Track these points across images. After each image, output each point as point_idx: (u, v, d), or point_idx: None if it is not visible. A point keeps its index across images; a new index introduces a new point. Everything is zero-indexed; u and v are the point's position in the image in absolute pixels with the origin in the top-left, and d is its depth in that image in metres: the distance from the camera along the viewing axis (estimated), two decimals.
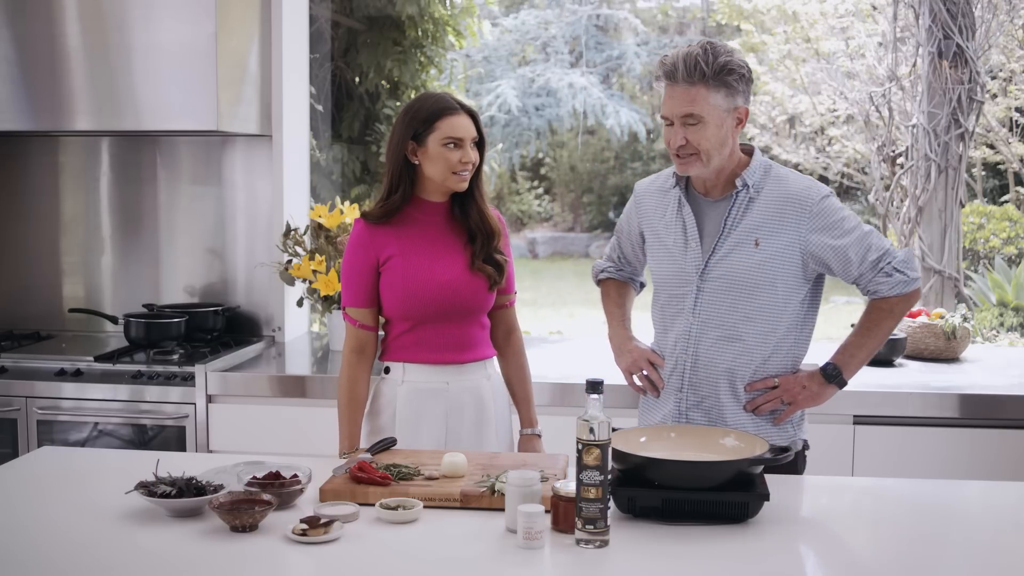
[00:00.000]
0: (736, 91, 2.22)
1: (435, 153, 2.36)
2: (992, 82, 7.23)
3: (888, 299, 2.31)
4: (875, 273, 2.28)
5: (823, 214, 2.27)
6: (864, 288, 2.33)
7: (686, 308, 2.34)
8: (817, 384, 2.33)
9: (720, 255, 2.30)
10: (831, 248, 2.26)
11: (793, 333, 2.34)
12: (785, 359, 2.34)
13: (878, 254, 2.28)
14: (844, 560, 1.84)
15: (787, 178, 2.31)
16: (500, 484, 1.99)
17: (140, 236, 3.89)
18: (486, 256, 2.44)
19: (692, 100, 2.20)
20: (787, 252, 2.27)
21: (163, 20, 3.35)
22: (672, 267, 2.36)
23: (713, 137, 2.22)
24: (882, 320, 2.33)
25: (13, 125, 3.48)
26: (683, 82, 2.20)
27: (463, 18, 6.35)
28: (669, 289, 2.38)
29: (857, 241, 2.27)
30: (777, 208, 2.28)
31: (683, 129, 2.23)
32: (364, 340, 2.48)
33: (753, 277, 2.27)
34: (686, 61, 2.20)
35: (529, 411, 2.58)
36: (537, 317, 10.23)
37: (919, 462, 3.00)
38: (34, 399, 3.31)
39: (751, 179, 2.29)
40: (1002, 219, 7.84)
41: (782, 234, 2.27)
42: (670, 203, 2.39)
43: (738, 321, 2.29)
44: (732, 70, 2.20)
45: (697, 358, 2.33)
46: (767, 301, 2.28)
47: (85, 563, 1.75)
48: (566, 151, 15.05)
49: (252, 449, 3.12)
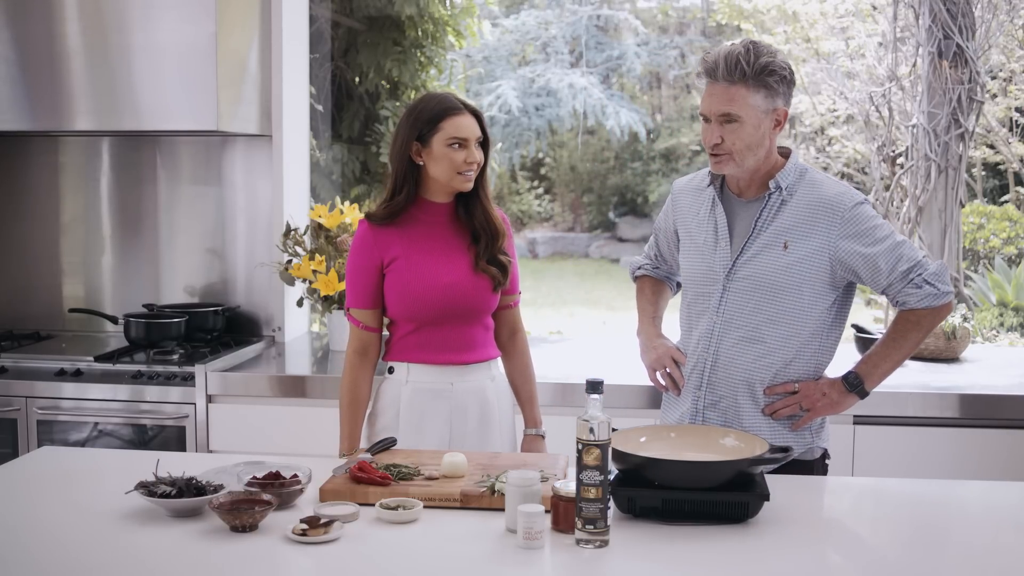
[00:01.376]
0: (776, 92, 2.21)
1: (439, 153, 2.36)
2: (992, 82, 7.22)
3: (916, 311, 2.27)
4: (904, 284, 2.24)
5: (854, 221, 2.25)
6: (893, 299, 2.29)
7: (711, 307, 2.33)
8: (838, 392, 2.31)
9: (748, 256, 2.29)
10: (861, 256, 2.24)
11: (817, 339, 2.31)
12: (807, 365, 2.32)
13: (909, 265, 2.24)
14: (844, 560, 1.84)
15: (821, 183, 2.30)
16: (500, 484, 1.99)
17: (140, 236, 3.89)
18: (490, 257, 2.43)
19: (731, 99, 2.19)
20: (815, 257, 2.25)
21: (163, 20, 3.35)
22: (701, 265, 2.36)
23: (749, 137, 2.21)
24: (908, 332, 2.29)
25: (13, 125, 3.48)
26: (723, 80, 2.20)
27: (463, 18, 6.34)
28: (696, 287, 2.38)
29: (888, 250, 2.24)
30: (808, 212, 2.26)
31: (720, 128, 2.22)
32: (367, 341, 2.48)
33: (779, 280, 2.26)
34: (727, 60, 2.19)
35: (533, 411, 2.58)
36: (537, 317, 10.24)
37: (919, 462, 3.00)
38: (34, 399, 3.31)
39: (784, 181, 2.28)
40: (1002, 219, 7.84)
41: (811, 238, 2.25)
42: (704, 202, 2.39)
43: (761, 323, 2.28)
44: (773, 71, 2.19)
45: (718, 357, 2.32)
46: (792, 305, 2.26)
47: (85, 563, 1.75)
48: (566, 151, 15.04)
49: (252, 449, 3.12)
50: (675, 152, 14.43)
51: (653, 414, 2.72)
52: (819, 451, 2.39)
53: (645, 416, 2.96)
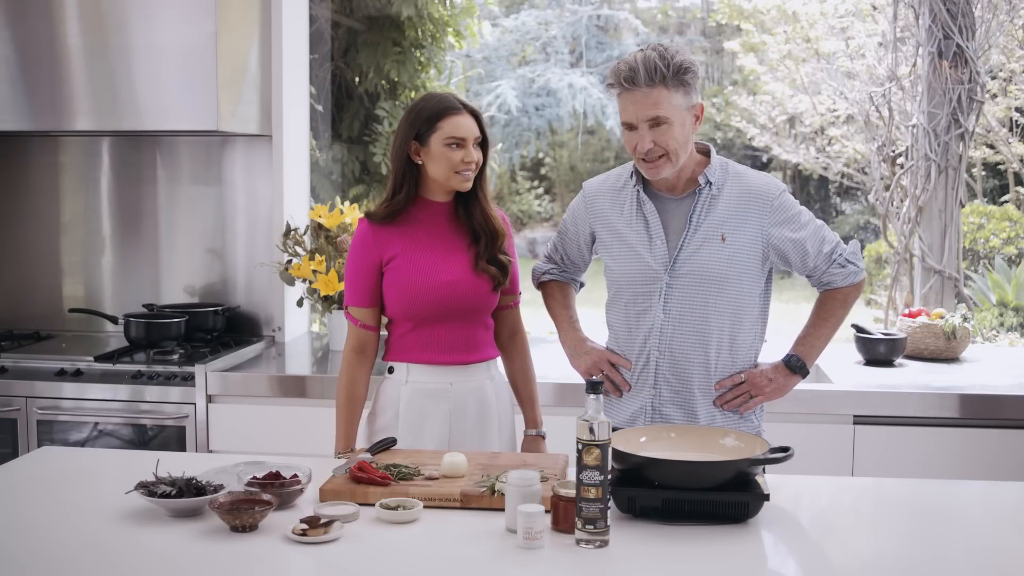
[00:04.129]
0: (692, 88, 2.27)
1: (438, 153, 2.36)
2: (992, 82, 7.22)
3: (841, 289, 2.40)
4: (829, 264, 2.37)
5: (783, 208, 2.34)
6: (818, 280, 2.41)
7: (654, 305, 2.36)
8: (783, 376, 2.40)
9: (689, 251, 2.33)
10: (791, 241, 2.34)
11: (755, 327, 2.41)
12: (748, 352, 2.41)
13: (831, 246, 2.37)
14: (844, 560, 1.84)
15: (746, 174, 2.38)
16: (500, 484, 1.99)
17: (140, 236, 3.89)
18: (490, 257, 2.44)
19: (656, 103, 2.23)
20: (751, 245, 2.33)
21: (163, 20, 3.35)
22: (637, 264, 2.38)
23: (679, 136, 2.26)
24: (835, 309, 2.41)
25: (13, 125, 3.48)
26: (644, 86, 2.23)
27: (463, 18, 6.34)
28: (634, 287, 2.39)
29: (813, 234, 2.36)
30: (740, 204, 2.34)
31: (650, 132, 2.25)
32: (365, 340, 2.48)
33: (722, 271, 2.32)
34: (646, 65, 2.22)
35: (534, 412, 2.58)
36: (537, 317, 10.21)
37: (919, 462, 3.00)
38: (34, 399, 3.31)
39: (713, 176, 2.34)
40: (1002, 219, 7.84)
41: (746, 228, 2.33)
42: (627, 201, 2.41)
43: (710, 314, 2.33)
44: (688, 68, 2.24)
45: (671, 353, 2.36)
46: (735, 295, 2.34)
47: (85, 563, 1.75)
48: (566, 151, 15.05)
49: (252, 449, 3.13)
50: None
51: None
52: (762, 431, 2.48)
53: None
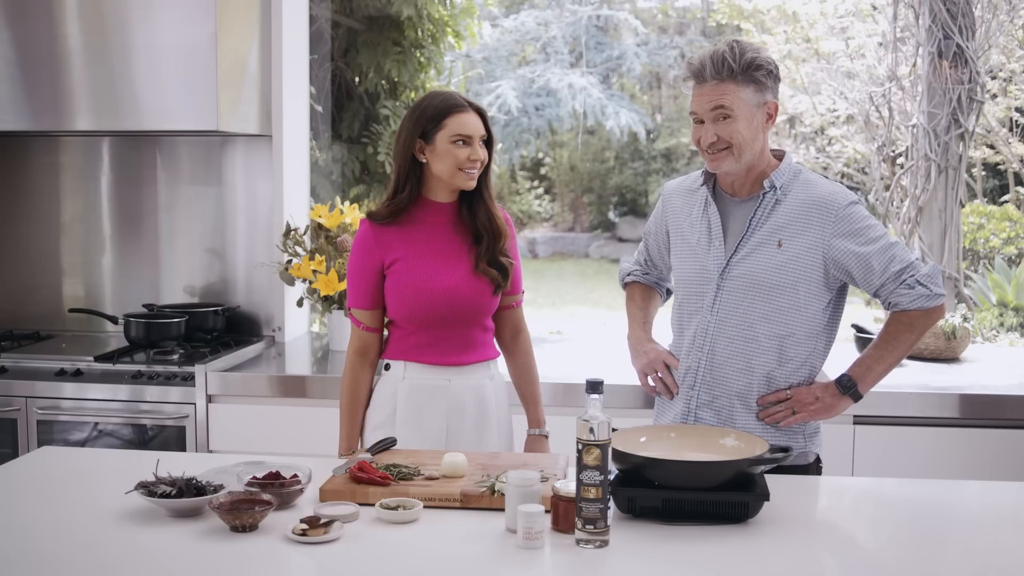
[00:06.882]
0: (764, 86, 2.24)
1: (443, 151, 2.35)
2: (992, 82, 7.22)
3: (909, 312, 2.26)
4: (897, 284, 2.23)
5: (848, 220, 2.25)
6: (885, 300, 2.28)
7: (704, 306, 2.33)
8: (831, 396, 2.30)
9: (742, 254, 2.29)
10: (854, 255, 2.23)
11: (811, 342, 2.31)
12: (801, 368, 2.32)
13: (902, 265, 2.24)
14: (844, 560, 1.84)
15: (815, 183, 2.30)
16: (500, 484, 1.99)
17: (140, 236, 3.89)
18: (491, 258, 2.42)
19: (722, 94, 2.21)
20: (808, 254, 2.25)
21: (163, 20, 3.35)
22: (694, 265, 2.36)
23: (744, 131, 2.23)
24: (901, 333, 2.28)
25: (13, 125, 3.48)
26: (711, 79, 2.21)
27: (463, 19, 6.34)
28: (689, 287, 2.37)
29: (881, 251, 2.23)
30: (802, 210, 2.27)
31: (713, 125, 2.23)
32: (368, 341, 2.48)
33: (774, 278, 2.26)
34: (713, 59, 2.21)
35: (536, 411, 2.57)
36: (537, 317, 10.24)
37: (919, 462, 3.00)
38: (34, 399, 3.31)
39: (779, 180, 2.28)
40: (1002, 219, 7.84)
41: (805, 236, 2.25)
42: (697, 202, 2.39)
43: (755, 321, 2.27)
44: (760, 66, 2.22)
45: (713, 356, 2.32)
46: (786, 303, 2.26)
47: (85, 563, 1.75)
48: (566, 151, 15.05)
49: (252, 449, 3.12)
50: (675, 152, 14.44)
51: (652, 414, 2.72)
52: (812, 456, 2.38)
53: (644, 416, 2.95)
